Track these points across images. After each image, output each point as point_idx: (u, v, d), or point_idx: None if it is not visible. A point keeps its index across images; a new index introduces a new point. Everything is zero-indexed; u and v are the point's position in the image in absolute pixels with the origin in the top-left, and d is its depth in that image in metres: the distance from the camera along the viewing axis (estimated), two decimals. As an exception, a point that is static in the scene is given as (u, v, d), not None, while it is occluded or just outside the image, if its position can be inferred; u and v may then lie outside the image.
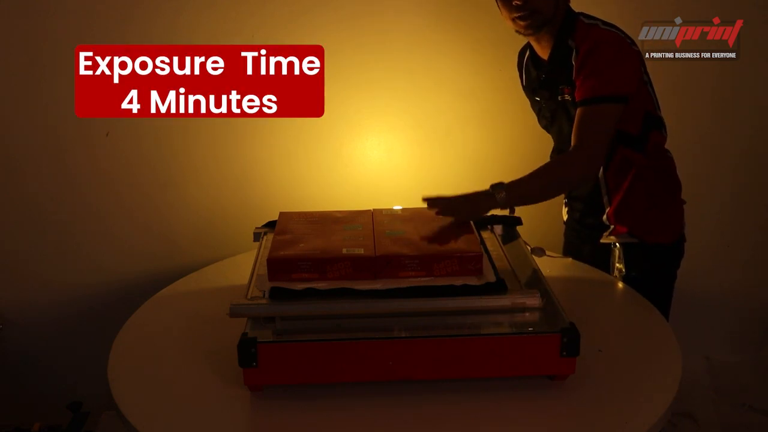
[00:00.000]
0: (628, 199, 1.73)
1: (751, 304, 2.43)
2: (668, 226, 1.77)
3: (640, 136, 1.69)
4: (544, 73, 1.74)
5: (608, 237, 1.78)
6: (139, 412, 1.25)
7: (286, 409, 1.24)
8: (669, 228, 1.77)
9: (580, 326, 1.25)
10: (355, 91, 2.11)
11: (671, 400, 1.26)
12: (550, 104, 1.77)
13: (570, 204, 1.91)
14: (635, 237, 1.74)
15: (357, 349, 1.24)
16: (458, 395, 1.26)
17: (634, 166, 1.70)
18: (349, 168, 2.19)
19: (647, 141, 1.70)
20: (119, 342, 1.47)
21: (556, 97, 1.73)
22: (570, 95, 1.67)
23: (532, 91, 1.83)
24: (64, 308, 2.19)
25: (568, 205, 1.93)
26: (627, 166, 1.71)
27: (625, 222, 1.74)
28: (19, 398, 2.24)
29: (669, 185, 1.78)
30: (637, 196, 1.73)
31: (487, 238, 1.60)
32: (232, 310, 1.27)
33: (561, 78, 1.69)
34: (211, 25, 2.01)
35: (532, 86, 1.82)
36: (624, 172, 1.71)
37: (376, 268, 1.36)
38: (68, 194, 2.13)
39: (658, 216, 1.75)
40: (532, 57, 1.79)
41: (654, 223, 1.75)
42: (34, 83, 2.02)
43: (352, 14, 2.06)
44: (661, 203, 1.76)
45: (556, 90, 1.72)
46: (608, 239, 1.78)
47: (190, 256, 2.14)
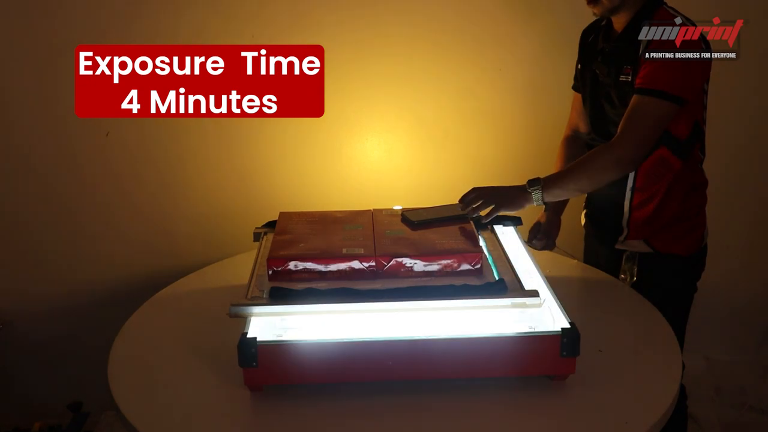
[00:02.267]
0: (656, 205, 1.66)
1: (751, 304, 2.43)
2: (690, 238, 1.70)
3: (685, 143, 1.63)
4: (610, 47, 1.67)
5: (623, 244, 1.73)
6: (139, 412, 1.25)
7: (286, 409, 1.24)
8: (690, 239, 1.70)
9: (580, 326, 1.25)
10: (355, 91, 2.11)
11: (671, 400, 1.26)
12: (604, 80, 1.68)
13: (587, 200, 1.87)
14: (651, 246, 1.69)
15: (357, 349, 1.24)
16: (458, 395, 1.26)
17: (672, 171, 1.64)
18: (349, 168, 2.19)
19: (690, 150, 1.65)
20: (119, 342, 1.47)
21: (613, 75, 1.65)
22: (632, 76, 1.60)
23: (591, 61, 1.73)
24: (64, 308, 2.20)
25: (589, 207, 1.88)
26: (663, 168, 1.64)
27: (645, 229, 1.69)
28: (19, 398, 2.24)
29: (699, 200, 1.73)
30: (666, 204, 1.66)
31: (487, 238, 1.60)
32: (232, 310, 1.27)
33: (625, 57, 1.62)
34: (211, 25, 2.01)
35: (594, 56, 1.72)
36: (658, 175, 1.64)
37: (376, 268, 1.36)
38: (69, 194, 2.13)
39: (683, 227, 1.69)
40: (608, 27, 1.71)
41: (675, 233, 1.69)
42: (36, 83, 2.02)
43: (352, 14, 2.06)
44: (689, 216, 1.70)
45: (616, 68, 1.64)
46: (624, 245, 1.73)
47: (190, 255, 2.15)
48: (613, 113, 1.68)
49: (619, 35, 1.66)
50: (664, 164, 1.64)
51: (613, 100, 1.67)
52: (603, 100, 1.71)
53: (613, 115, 1.68)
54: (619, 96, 1.65)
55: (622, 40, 1.64)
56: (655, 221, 1.68)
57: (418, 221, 1.54)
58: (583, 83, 1.78)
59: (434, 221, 1.55)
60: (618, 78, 1.64)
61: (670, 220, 1.68)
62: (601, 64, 1.69)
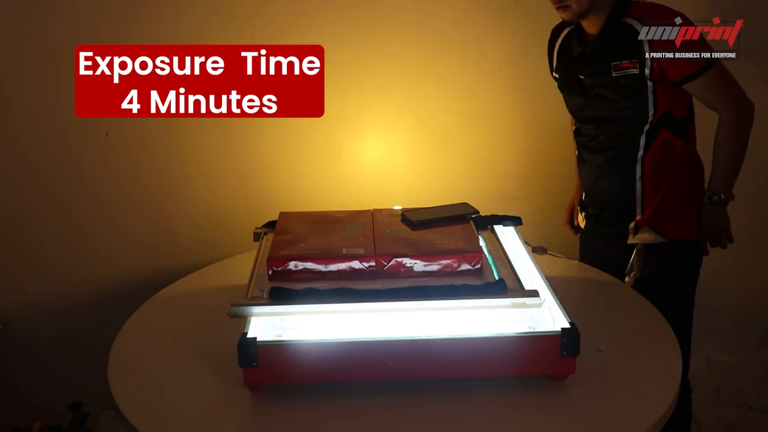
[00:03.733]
0: (665, 190, 1.73)
1: (751, 304, 2.43)
2: (696, 221, 1.76)
3: (683, 121, 1.71)
4: (590, 49, 1.71)
5: (635, 237, 1.77)
6: (139, 412, 1.25)
7: (286, 409, 1.24)
8: (696, 222, 1.76)
9: (580, 326, 1.25)
10: (355, 91, 2.11)
11: (671, 400, 1.26)
12: (593, 81, 1.73)
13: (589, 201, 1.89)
14: (662, 235, 1.74)
15: (357, 349, 1.24)
16: (458, 395, 1.26)
17: (676, 152, 1.71)
18: (349, 168, 2.19)
19: (687, 128, 1.72)
20: (119, 342, 1.47)
21: (604, 74, 1.70)
22: (637, 68, 1.65)
23: (571, 68, 1.78)
24: (64, 308, 2.20)
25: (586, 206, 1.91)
26: (668, 150, 1.71)
27: (656, 217, 1.74)
28: (19, 398, 2.24)
29: (699, 181, 1.79)
30: (675, 187, 1.73)
31: (487, 238, 1.60)
32: (232, 310, 1.27)
33: (612, 54, 1.67)
34: (211, 25, 2.01)
35: (572, 64, 1.77)
36: (664, 158, 1.71)
37: (376, 268, 1.36)
38: (69, 194, 2.13)
39: (689, 210, 1.75)
40: (578, 33, 1.76)
41: (683, 218, 1.75)
42: (36, 83, 2.02)
43: (352, 14, 2.06)
44: (694, 197, 1.76)
45: (605, 66, 1.69)
46: (636, 239, 1.77)
47: (190, 255, 2.14)
48: (610, 107, 1.72)
49: (597, 37, 1.70)
50: (668, 146, 1.71)
51: (608, 96, 1.71)
52: (595, 100, 1.74)
53: (610, 111, 1.72)
54: (616, 91, 1.69)
55: (603, 39, 1.69)
56: (665, 206, 1.74)
57: (418, 221, 1.54)
58: (570, 89, 1.81)
59: (434, 221, 1.55)
60: (610, 75, 1.68)
61: (677, 204, 1.74)
62: (585, 67, 1.74)
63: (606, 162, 1.78)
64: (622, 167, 1.75)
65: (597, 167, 1.80)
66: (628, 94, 1.68)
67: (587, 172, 1.85)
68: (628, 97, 1.68)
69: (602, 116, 1.75)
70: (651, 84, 1.66)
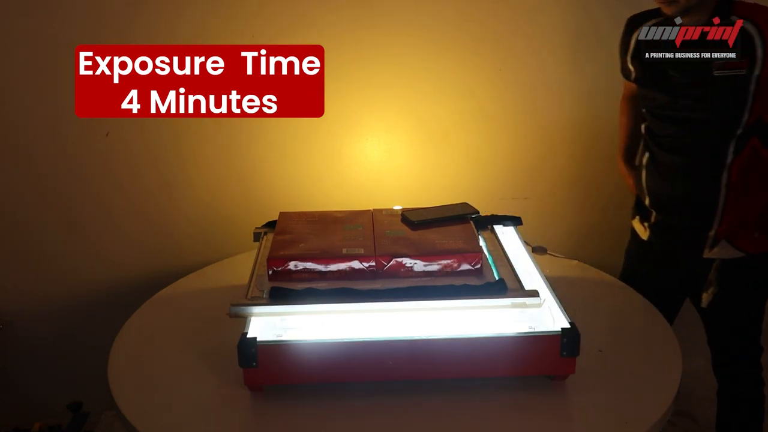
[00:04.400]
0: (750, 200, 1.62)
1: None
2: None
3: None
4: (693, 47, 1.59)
5: (712, 252, 1.65)
6: (139, 412, 1.25)
7: (286, 409, 1.24)
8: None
9: (580, 326, 1.25)
10: (355, 91, 2.11)
11: (671, 400, 1.26)
12: (686, 79, 1.62)
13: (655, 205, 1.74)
14: (740, 249, 1.64)
15: (357, 349, 1.24)
16: (458, 395, 1.27)
17: (763, 162, 1.59)
18: (349, 168, 2.18)
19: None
20: (119, 342, 1.47)
21: (703, 71, 1.59)
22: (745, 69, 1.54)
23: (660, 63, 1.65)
24: (64, 308, 2.19)
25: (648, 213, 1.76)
26: (756, 160, 1.59)
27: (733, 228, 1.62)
28: (19, 398, 2.24)
29: None
30: (760, 198, 1.62)
31: (487, 238, 1.60)
32: (232, 310, 1.27)
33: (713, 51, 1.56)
34: (211, 25, 2.01)
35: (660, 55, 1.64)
36: (751, 167, 1.59)
37: (376, 268, 1.36)
38: (69, 194, 2.12)
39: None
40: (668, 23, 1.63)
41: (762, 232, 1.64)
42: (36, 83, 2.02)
43: (352, 14, 2.06)
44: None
45: (704, 62, 1.58)
46: (712, 254, 1.65)
47: (190, 255, 2.14)
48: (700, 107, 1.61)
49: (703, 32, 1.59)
50: (756, 155, 1.59)
51: (700, 95, 1.61)
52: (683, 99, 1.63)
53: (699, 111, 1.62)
54: (713, 90, 1.59)
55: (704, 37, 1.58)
56: (748, 218, 1.63)
57: (418, 221, 1.54)
58: (653, 83, 1.68)
59: (434, 221, 1.55)
60: (710, 73, 1.58)
61: (760, 217, 1.63)
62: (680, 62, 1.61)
63: (688, 165, 1.64)
64: (707, 172, 1.62)
65: (675, 169, 1.66)
66: (726, 95, 1.57)
67: (658, 173, 1.69)
68: (724, 98, 1.57)
69: (688, 116, 1.63)
70: (754, 87, 1.55)
